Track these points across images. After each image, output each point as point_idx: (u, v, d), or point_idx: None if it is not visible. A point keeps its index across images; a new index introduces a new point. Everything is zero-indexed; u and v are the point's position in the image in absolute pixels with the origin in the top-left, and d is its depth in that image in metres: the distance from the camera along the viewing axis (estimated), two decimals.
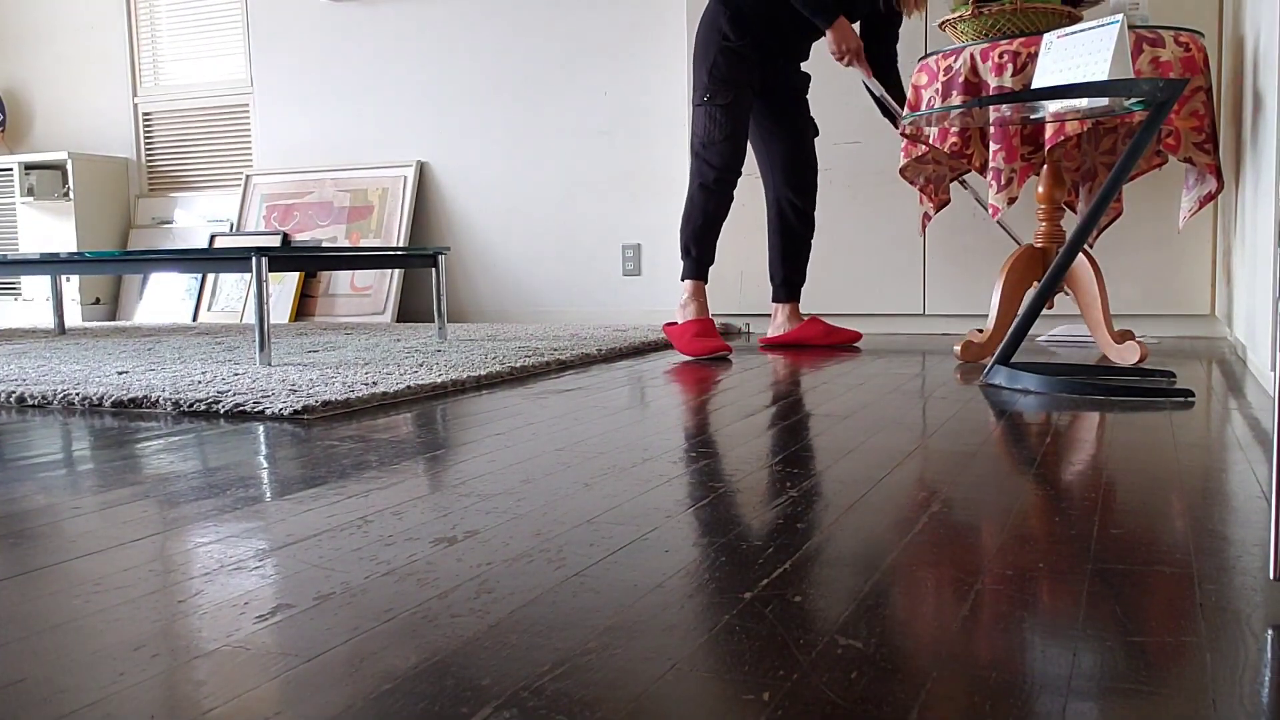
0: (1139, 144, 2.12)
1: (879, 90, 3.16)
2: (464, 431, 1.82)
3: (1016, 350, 2.29)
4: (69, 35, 5.54)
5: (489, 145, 4.73)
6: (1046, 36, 2.33)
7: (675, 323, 3.14)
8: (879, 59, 3.21)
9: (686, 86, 4.19)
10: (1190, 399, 2.02)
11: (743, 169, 3.08)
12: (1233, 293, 2.77)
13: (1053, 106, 2.36)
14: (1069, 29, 2.28)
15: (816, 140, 3.86)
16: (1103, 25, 2.19)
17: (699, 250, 3.12)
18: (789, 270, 3.31)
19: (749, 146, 3.19)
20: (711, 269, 4.37)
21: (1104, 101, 2.28)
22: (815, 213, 3.33)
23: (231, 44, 5.24)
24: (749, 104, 3.08)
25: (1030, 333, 2.54)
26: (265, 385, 2.32)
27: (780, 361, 2.89)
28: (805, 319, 3.30)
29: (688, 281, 3.14)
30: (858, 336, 3.28)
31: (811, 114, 3.32)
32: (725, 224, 4.42)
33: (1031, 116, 2.49)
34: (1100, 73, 2.15)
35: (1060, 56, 2.27)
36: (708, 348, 3.00)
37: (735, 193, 3.15)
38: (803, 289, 3.69)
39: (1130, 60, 2.16)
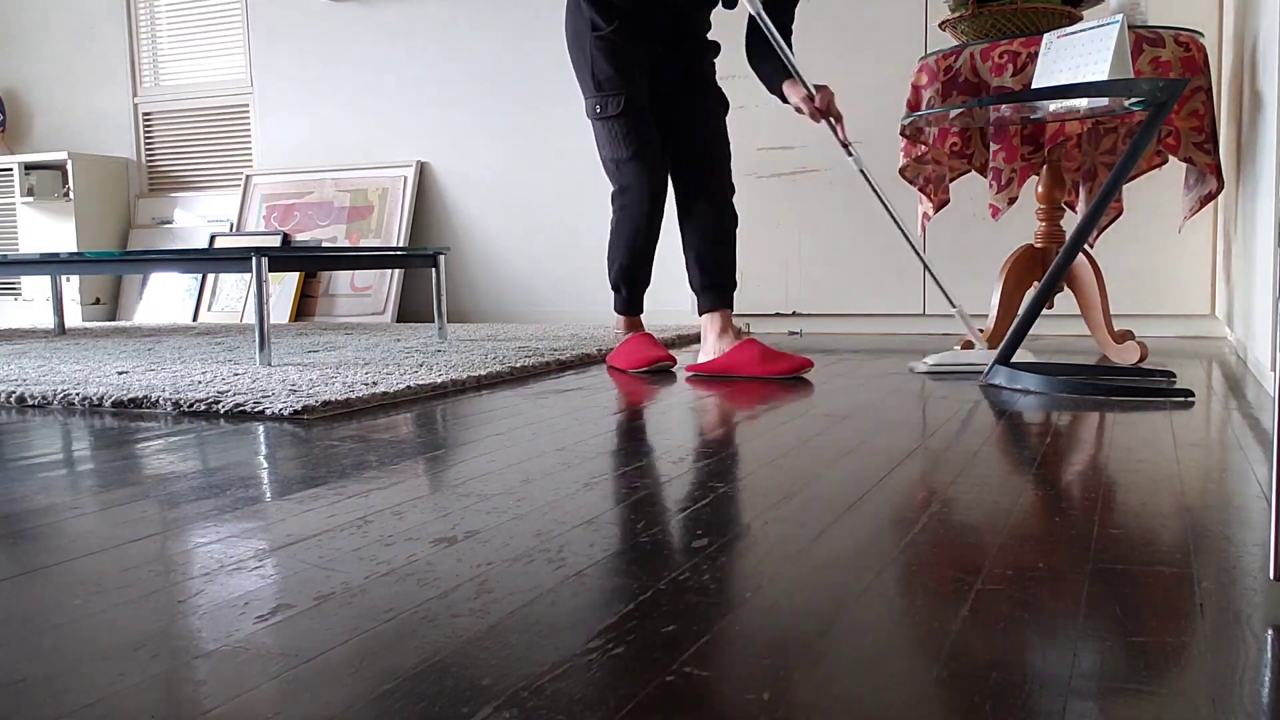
0: (1139, 144, 2.13)
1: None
2: (464, 431, 1.82)
3: (1016, 350, 2.30)
4: (69, 35, 5.54)
5: (489, 145, 4.73)
6: (1046, 37, 2.34)
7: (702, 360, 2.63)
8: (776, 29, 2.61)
9: None
10: (1190, 399, 2.02)
11: (667, 183, 2.63)
12: (1233, 293, 2.77)
13: (1052, 106, 2.36)
14: (1069, 29, 2.28)
15: (808, 141, 3.86)
16: (1103, 25, 2.19)
17: (630, 288, 2.75)
18: (710, 275, 2.66)
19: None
20: None
21: (1104, 101, 2.29)
22: (735, 199, 2.76)
23: (231, 44, 5.24)
24: (645, 103, 2.60)
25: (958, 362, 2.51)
26: (265, 385, 2.32)
27: None
28: (742, 339, 2.59)
29: (621, 317, 2.82)
30: (806, 364, 2.49)
31: (720, 87, 2.79)
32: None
33: (1031, 117, 2.49)
34: (1100, 73, 2.15)
35: (1060, 56, 2.28)
36: (647, 358, 2.64)
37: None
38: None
39: (1130, 60, 2.17)
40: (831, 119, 2.62)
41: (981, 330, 2.80)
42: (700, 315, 2.67)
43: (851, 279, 3.79)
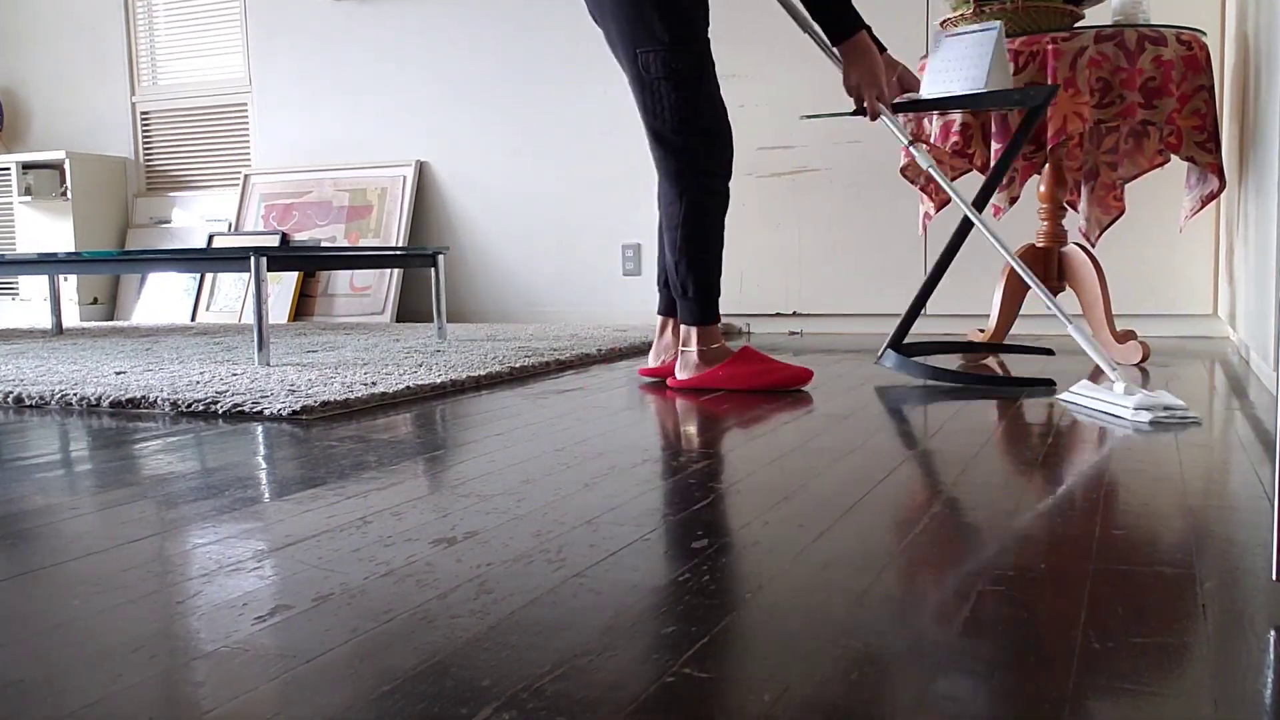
0: (1016, 142, 2.33)
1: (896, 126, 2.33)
2: (463, 432, 1.81)
3: (906, 335, 2.45)
4: (67, 35, 5.53)
5: (489, 145, 4.72)
6: (937, 35, 2.44)
7: (687, 376, 2.27)
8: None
9: None
10: (1052, 386, 2.19)
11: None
12: (1235, 292, 2.76)
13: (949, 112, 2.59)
14: (956, 30, 2.40)
15: (808, 141, 3.86)
16: (984, 30, 2.33)
17: (710, 281, 2.23)
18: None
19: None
20: None
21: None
22: (735, 196, 2.50)
23: (230, 43, 5.24)
24: (712, 63, 2.17)
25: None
26: (264, 385, 2.31)
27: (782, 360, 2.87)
28: (735, 351, 2.29)
29: (698, 329, 2.24)
30: (805, 376, 2.25)
31: None
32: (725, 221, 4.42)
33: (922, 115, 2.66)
34: (979, 78, 2.30)
35: (948, 56, 2.39)
36: (787, 377, 2.19)
37: (732, 187, 2.63)
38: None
39: (1008, 65, 2.32)
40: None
41: (982, 330, 2.79)
42: (664, 315, 2.46)
43: (851, 279, 3.79)
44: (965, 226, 2.35)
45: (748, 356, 2.24)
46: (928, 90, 2.33)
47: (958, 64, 2.32)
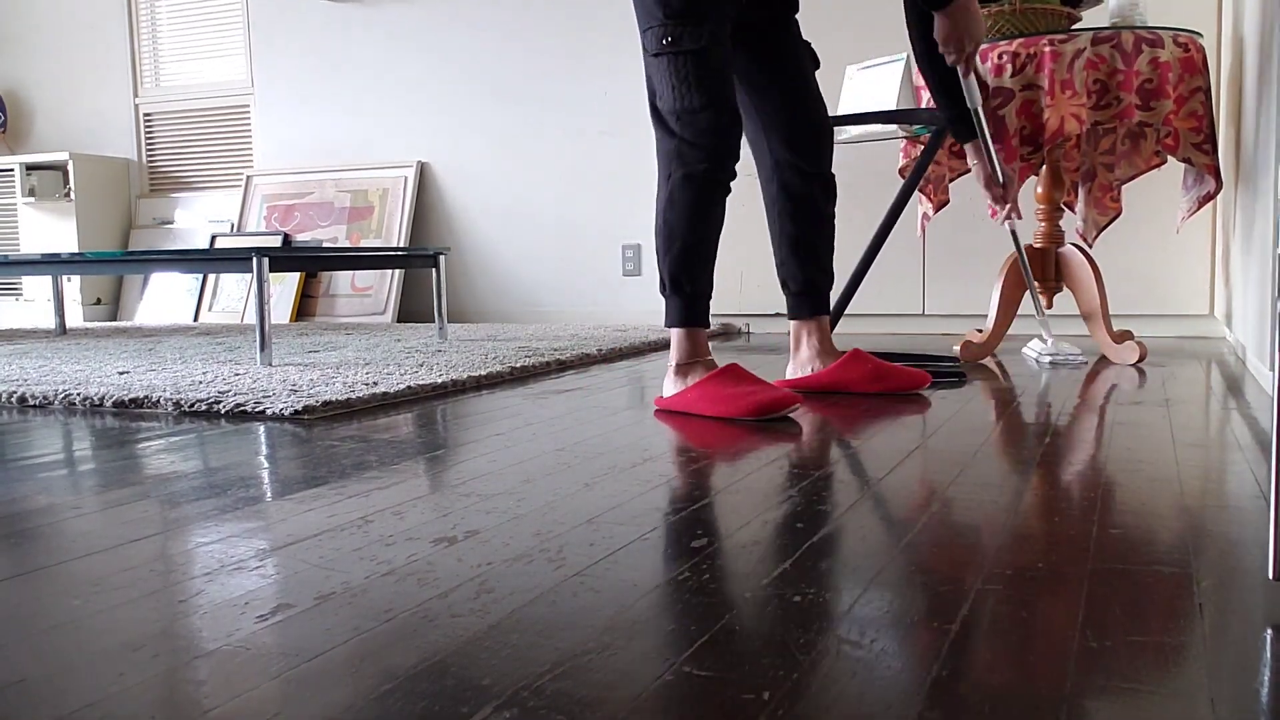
0: (925, 159, 2.58)
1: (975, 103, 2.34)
2: (464, 431, 1.82)
3: (836, 324, 2.55)
4: (70, 36, 5.54)
5: (489, 145, 4.73)
6: (849, 69, 2.82)
7: (668, 395, 2.02)
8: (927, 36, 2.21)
9: None
10: (962, 379, 2.35)
11: (740, 152, 2.03)
12: (1232, 293, 2.77)
13: (855, 130, 2.81)
14: (866, 63, 2.69)
15: None
16: (891, 61, 2.64)
17: (694, 282, 1.99)
18: (810, 269, 2.18)
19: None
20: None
21: (893, 127, 2.75)
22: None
23: (232, 44, 5.24)
24: (728, 42, 2.00)
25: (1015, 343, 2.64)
26: (266, 385, 2.32)
27: (782, 360, 2.87)
28: (845, 353, 2.20)
29: (679, 331, 2.01)
30: (923, 380, 2.16)
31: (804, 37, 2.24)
32: (723, 222, 4.42)
33: (840, 137, 2.87)
34: (889, 103, 2.61)
35: (860, 86, 2.70)
36: (767, 401, 1.87)
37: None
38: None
39: (914, 91, 2.58)
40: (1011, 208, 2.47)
41: (980, 330, 2.80)
42: (793, 319, 2.22)
43: None
44: (889, 221, 2.60)
45: (725, 376, 1.95)
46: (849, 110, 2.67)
47: (869, 91, 2.65)
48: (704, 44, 1.94)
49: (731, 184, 2.01)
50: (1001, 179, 2.42)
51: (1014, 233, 2.53)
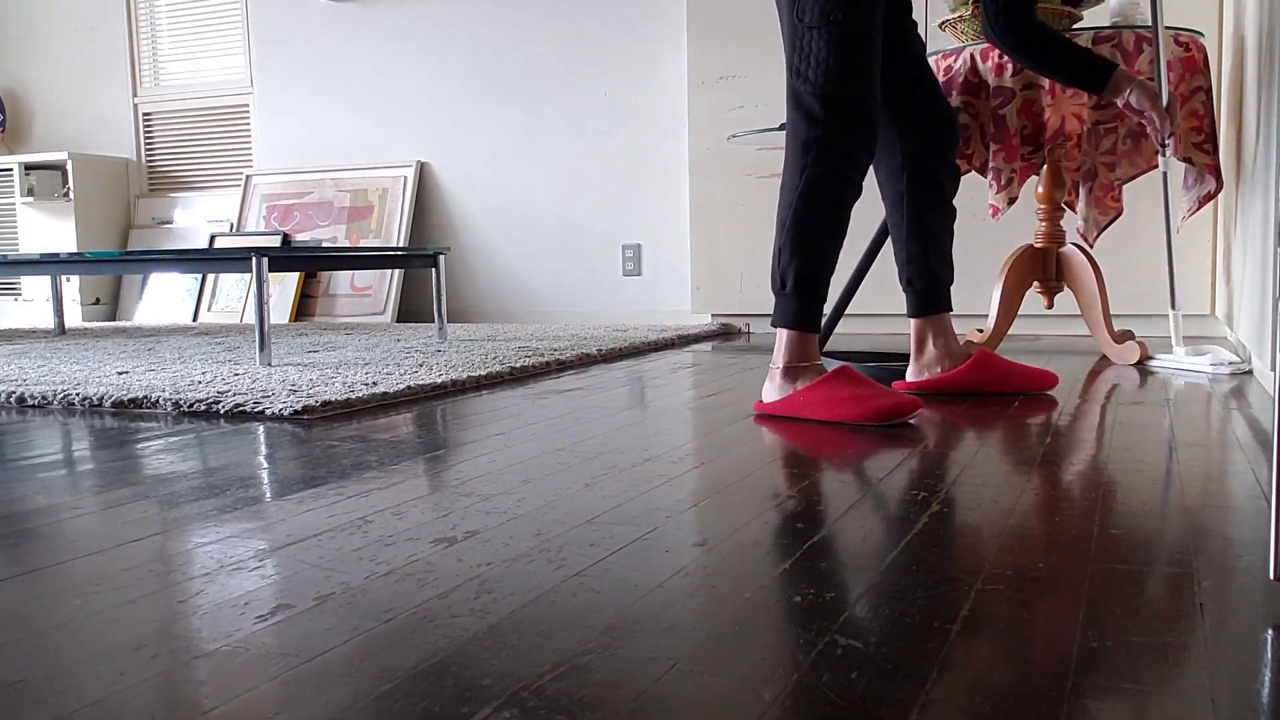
0: None
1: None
2: (464, 432, 1.82)
3: (830, 337, 2.54)
4: (69, 35, 5.54)
5: (489, 145, 4.73)
6: None
7: (770, 399, 1.92)
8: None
9: (686, 85, 4.19)
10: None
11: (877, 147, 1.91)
12: (1233, 293, 2.77)
13: None
14: None
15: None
16: None
17: (819, 284, 1.88)
18: (937, 263, 2.09)
19: None
20: (711, 269, 4.40)
21: None
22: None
23: (231, 44, 5.24)
24: (882, 35, 1.90)
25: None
26: (265, 385, 2.32)
27: None
28: (972, 355, 2.11)
29: (791, 333, 1.90)
30: (1052, 381, 2.11)
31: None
32: (724, 222, 4.46)
33: None
34: None
35: None
36: (889, 406, 1.78)
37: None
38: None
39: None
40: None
41: (980, 330, 2.79)
42: (914, 317, 2.13)
43: None
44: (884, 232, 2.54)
45: (840, 378, 1.84)
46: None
47: None
48: (871, 29, 1.83)
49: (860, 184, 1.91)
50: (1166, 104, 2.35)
51: (1165, 178, 2.44)
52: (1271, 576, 0.91)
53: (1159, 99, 2.32)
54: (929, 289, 2.09)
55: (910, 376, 2.14)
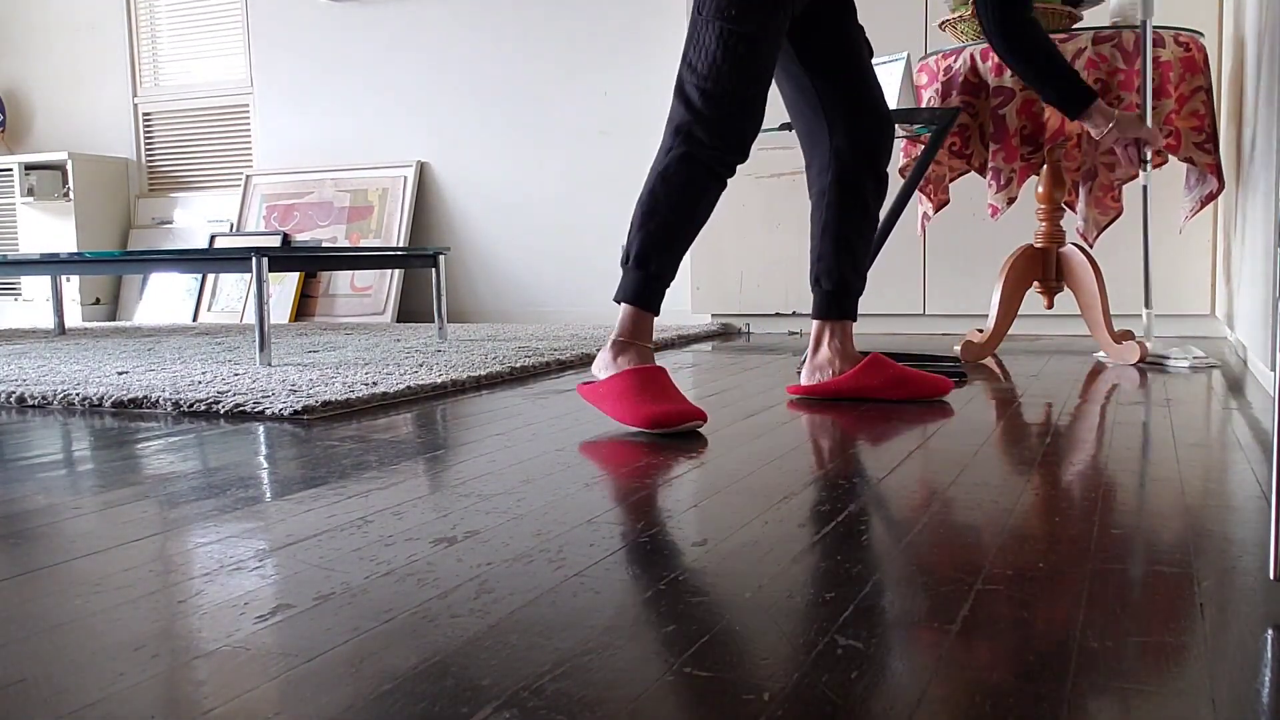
0: (926, 159, 2.55)
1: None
2: (464, 432, 1.82)
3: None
4: (69, 35, 5.54)
5: (489, 145, 4.73)
6: None
7: (594, 380, 1.90)
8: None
9: None
10: (963, 379, 2.35)
11: (749, 153, 1.91)
12: (1233, 293, 2.77)
13: None
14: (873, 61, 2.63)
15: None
16: (892, 61, 2.57)
17: (661, 264, 1.87)
18: (847, 268, 2.08)
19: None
20: (710, 269, 4.40)
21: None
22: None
23: (231, 44, 5.24)
24: (779, 42, 1.88)
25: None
26: (265, 385, 2.32)
27: (783, 360, 2.87)
28: (865, 358, 2.09)
29: (627, 306, 1.88)
30: (946, 386, 2.07)
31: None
32: (723, 222, 4.46)
33: None
34: (890, 103, 2.54)
35: None
36: (670, 413, 1.74)
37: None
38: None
39: (914, 90, 2.49)
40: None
41: (981, 330, 2.79)
42: (817, 319, 2.11)
43: None
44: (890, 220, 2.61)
45: (641, 376, 1.82)
46: None
47: None
48: (763, 31, 1.83)
49: (728, 182, 1.91)
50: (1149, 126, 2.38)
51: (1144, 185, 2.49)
52: (1272, 576, 0.91)
53: (1142, 121, 2.36)
54: (834, 291, 2.08)
55: (803, 380, 2.13)
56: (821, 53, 2.05)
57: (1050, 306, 2.80)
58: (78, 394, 2.22)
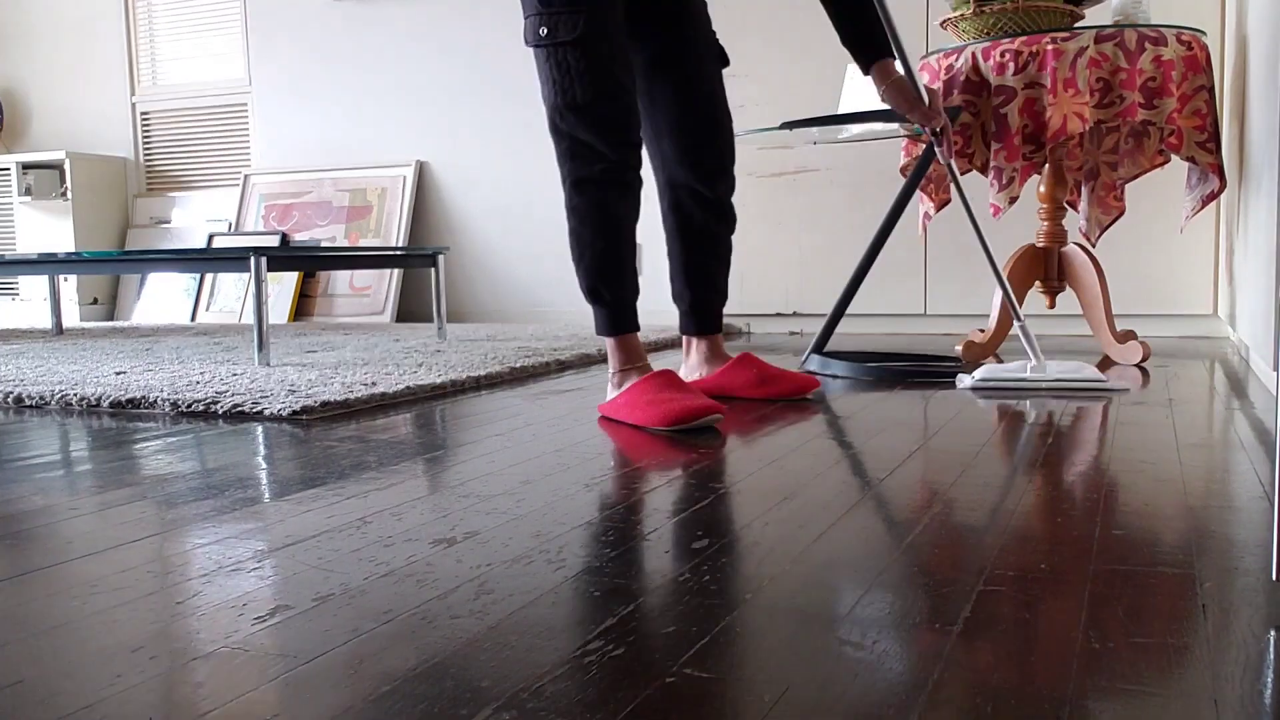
0: (926, 158, 2.51)
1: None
2: (463, 432, 1.81)
3: (829, 339, 2.58)
4: (67, 34, 5.53)
5: (489, 145, 4.72)
6: (849, 68, 2.85)
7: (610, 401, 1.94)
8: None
9: None
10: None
11: (642, 146, 1.90)
12: (1235, 292, 2.76)
13: (855, 129, 2.83)
14: None
15: (814, 141, 3.86)
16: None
17: (612, 289, 1.90)
18: (700, 289, 2.10)
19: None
20: None
21: (895, 125, 2.69)
22: (734, 197, 2.18)
23: (230, 43, 5.24)
24: (617, 30, 1.84)
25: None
26: (264, 385, 2.31)
27: (783, 360, 2.87)
28: (733, 358, 2.12)
29: (609, 340, 1.96)
30: (810, 384, 2.10)
31: (714, 31, 2.09)
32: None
33: (840, 136, 2.86)
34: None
35: (861, 85, 2.74)
36: (690, 409, 1.76)
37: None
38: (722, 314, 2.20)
39: (920, 88, 2.39)
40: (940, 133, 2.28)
41: (982, 330, 2.79)
42: (684, 334, 2.17)
43: None
44: (889, 224, 2.55)
45: (654, 381, 1.85)
46: (850, 109, 2.60)
47: (871, 90, 2.55)
48: (581, 32, 1.78)
49: (640, 178, 1.89)
50: (927, 98, 2.21)
51: (952, 169, 2.30)
52: (1274, 577, 0.91)
53: (917, 100, 2.18)
54: (690, 311, 2.12)
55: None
56: (649, 62, 2.00)
57: (1052, 306, 2.80)
58: (75, 394, 2.21)
